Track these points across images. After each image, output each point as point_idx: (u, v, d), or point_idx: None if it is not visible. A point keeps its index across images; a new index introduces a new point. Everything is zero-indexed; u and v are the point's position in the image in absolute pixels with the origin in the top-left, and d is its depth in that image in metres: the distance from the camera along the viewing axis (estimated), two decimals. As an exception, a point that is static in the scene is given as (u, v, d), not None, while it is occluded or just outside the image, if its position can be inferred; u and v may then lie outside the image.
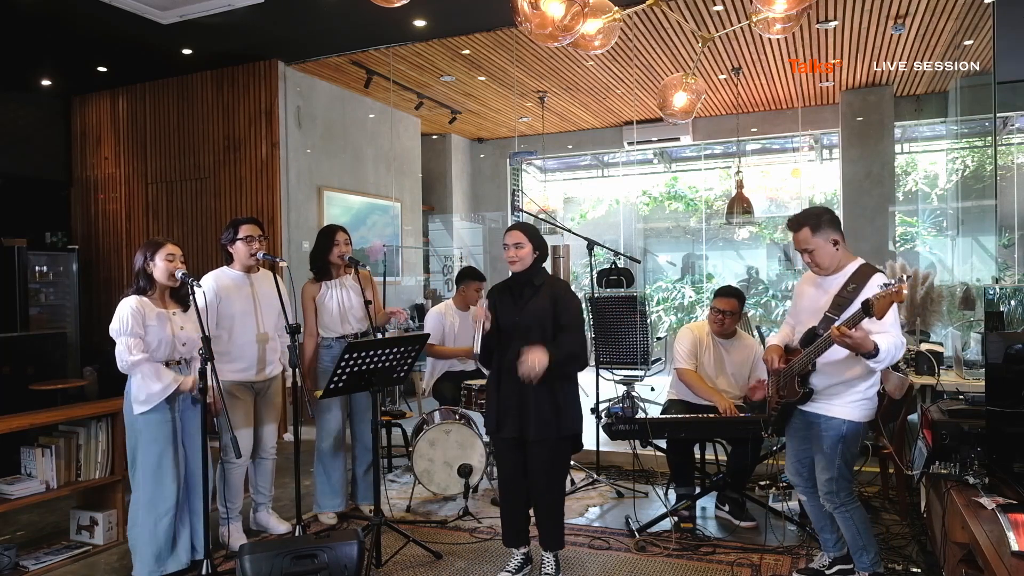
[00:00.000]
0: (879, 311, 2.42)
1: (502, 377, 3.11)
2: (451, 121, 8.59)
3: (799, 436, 3.01)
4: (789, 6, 2.59)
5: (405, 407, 5.57)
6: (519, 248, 3.07)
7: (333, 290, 3.95)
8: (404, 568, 3.35)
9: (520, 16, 2.44)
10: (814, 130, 8.95)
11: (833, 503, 2.86)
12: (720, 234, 11.41)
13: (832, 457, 2.82)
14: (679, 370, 4.03)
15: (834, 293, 2.78)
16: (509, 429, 3.07)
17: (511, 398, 3.05)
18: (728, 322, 3.96)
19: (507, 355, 3.06)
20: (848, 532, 2.88)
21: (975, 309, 5.24)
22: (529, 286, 3.10)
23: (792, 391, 2.89)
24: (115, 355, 3.09)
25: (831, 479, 2.83)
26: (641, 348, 6.17)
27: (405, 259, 8.26)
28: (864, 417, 2.82)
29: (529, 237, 3.09)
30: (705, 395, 3.88)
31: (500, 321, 3.12)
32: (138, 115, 6.89)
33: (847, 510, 2.84)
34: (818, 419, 2.87)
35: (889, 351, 2.57)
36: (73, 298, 6.94)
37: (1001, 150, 7.92)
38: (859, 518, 2.86)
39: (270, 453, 3.80)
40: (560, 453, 3.14)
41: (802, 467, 3.03)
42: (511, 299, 3.12)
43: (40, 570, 3.39)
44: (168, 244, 3.20)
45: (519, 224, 3.17)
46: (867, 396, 2.82)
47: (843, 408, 2.81)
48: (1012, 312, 4.97)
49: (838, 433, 2.80)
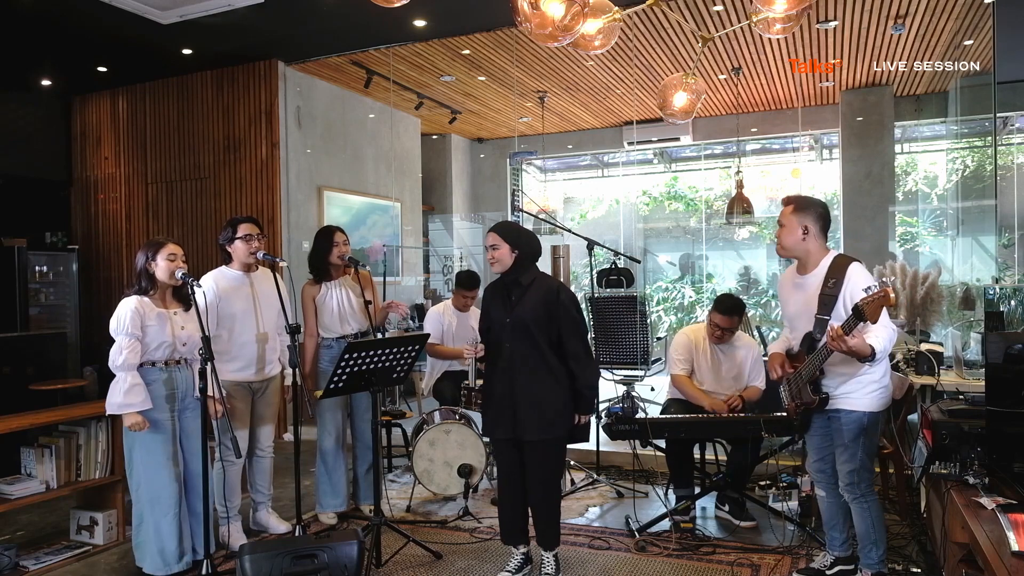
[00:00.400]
0: (871, 315, 2.46)
1: (494, 378, 3.13)
2: (451, 121, 8.59)
3: (819, 433, 3.03)
4: (789, 6, 2.59)
5: (405, 407, 5.57)
6: (495, 249, 3.07)
7: (333, 291, 3.94)
8: (404, 568, 3.35)
9: (520, 16, 2.44)
10: (814, 130, 8.95)
11: (853, 494, 2.88)
12: (720, 234, 11.40)
13: (855, 449, 2.84)
14: (671, 375, 4.07)
15: (816, 292, 2.81)
16: (502, 430, 3.09)
17: (504, 399, 3.06)
18: (726, 336, 3.94)
19: (499, 356, 3.09)
20: (863, 524, 2.89)
21: (975, 309, 5.24)
22: (517, 286, 3.09)
23: (808, 398, 2.91)
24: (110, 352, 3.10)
25: (853, 471, 2.85)
26: (641, 348, 6.18)
27: (405, 259, 8.26)
28: (882, 406, 2.87)
29: (504, 237, 3.06)
30: (695, 399, 3.89)
31: (492, 321, 3.14)
32: (138, 115, 6.89)
33: (867, 501, 2.87)
34: (838, 414, 2.89)
35: (885, 348, 2.63)
36: (73, 298, 6.94)
37: (1001, 150, 7.92)
38: (876, 511, 2.89)
39: (267, 451, 3.80)
40: (553, 453, 3.14)
41: (824, 464, 3.04)
42: (502, 300, 3.12)
43: (40, 570, 3.39)
44: (169, 244, 3.21)
45: (496, 225, 3.15)
46: (883, 385, 2.86)
47: (861, 399, 2.83)
48: (1012, 312, 4.97)
49: (859, 425, 2.83)
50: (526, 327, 3.02)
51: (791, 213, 2.89)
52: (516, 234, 3.10)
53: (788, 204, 2.93)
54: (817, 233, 2.86)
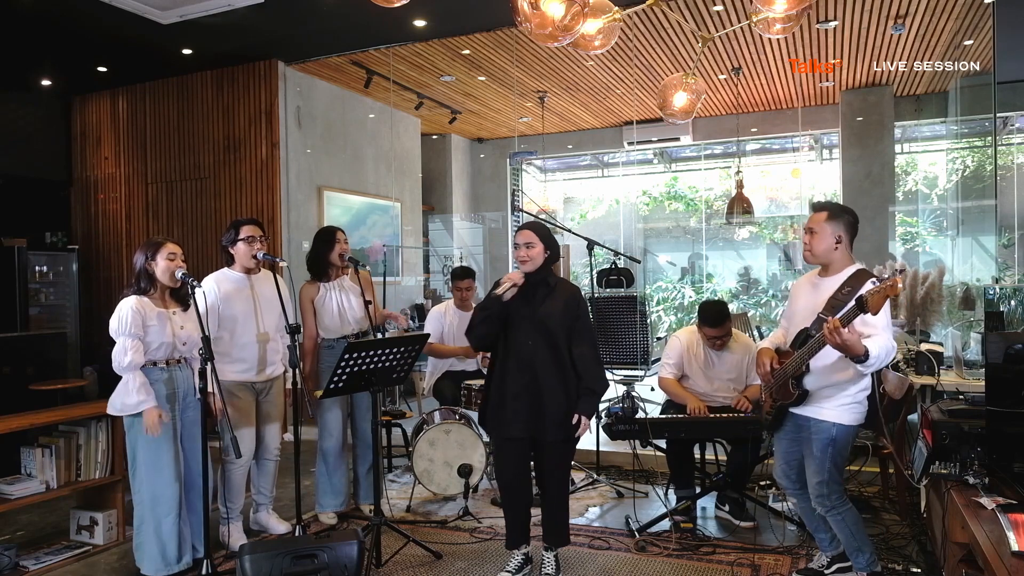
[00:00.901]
0: (873, 306, 2.41)
1: (508, 375, 3.07)
2: (451, 121, 8.59)
3: (788, 438, 3.00)
4: (789, 6, 2.59)
5: (405, 407, 5.57)
6: (530, 248, 3.06)
7: (332, 292, 3.94)
8: (404, 568, 3.35)
9: (520, 16, 2.44)
10: (814, 130, 8.96)
11: (824, 506, 2.85)
12: (720, 234, 11.41)
13: (823, 460, 2.81)
14: (659, 377, 4.06)
15: (827, 295, 2.77)
16: (518, 429, 3.04)
17: (521, 398, 3.03)
18: (721, 343, 3.91)
19: (516, 354, 3.05)
20: (842, 534, 2.88)
21: (975, 309, 5.24)
22: (544, 286, 3.09)
23: (786, 393, 2.88)
24: (112, 354, 3.09)
25: (821, 482, 2.83)
26: (641, 348, 6.18)
27: (405, 259, 8.26)
28: (854, 421, 2.82)
29: (540, 237, 3.08)
30: (679, 399, 3.90)
31: (510, 317, 3.09)
32: (138, 115, 6.89)
33: (839, 512, 2.84)
34: (808, 422, 2.86)
35: (879, 356, 2.56)
36: (73, 298, 6.94)
37: (1001, 150, 7.93)
38: (852, 520, 2.85)
39: (273, 454, 3.80)
40: (571, 452, 3.19)
41: (790, 469, 3.02)
42: (523, 298, 3.08)
43: (40, 570, 3.39)
44: (168, 243, 3.21)
45: (531, 223, 3.15)
46: (857, 400, 2.81)
47: (833, 411, 2.80)
48: (1012, 312, 4.97)
49: (828, 436, 2.80)
50: (552, 327, 3.02)
51: (825, 221, 2.81)
52: (549, 235, 3.13)
53: (822, 210, 2.83)
54: (847, 243, 2.82)
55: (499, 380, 3.11)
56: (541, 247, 3.07)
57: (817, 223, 2.83)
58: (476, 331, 3.11)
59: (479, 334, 3.11)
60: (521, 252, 3.07)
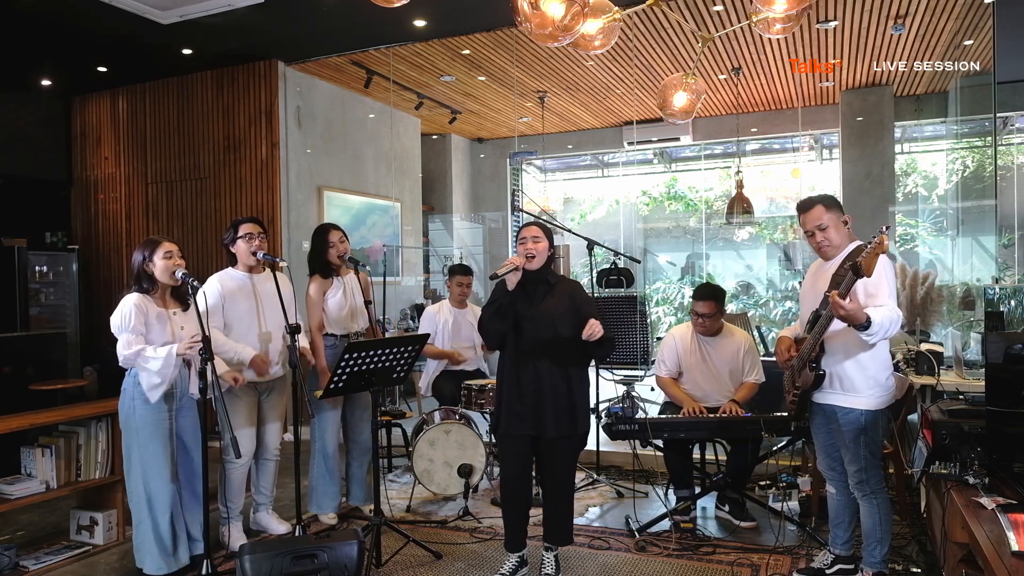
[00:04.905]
0: (867, 268, 2.44)
1: (512, 374, 3.09)
2: (451, 121, 8.59)
3: (823, 431, 3.03)
4: (789, 6, 2.59)
5: (405, 407, 5.57)
6: (537, 241, 3.09)
7: (341, 288, 3.95)
8: (404, 568, 3.35)
9: (520, 16, 2.44)
10: (814, 130, 8.95)
11: (863, 491, 2.89)
12: (720, 234, 11.40)
13: (856, 449, 2.85)
14: (656, 376, 4.09)
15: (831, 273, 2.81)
16: (522, 426, 3.05)
17: (526, 396, 3.04)
18: (710, 323, 3.92)
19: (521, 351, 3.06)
20: (870, 521, 2.89)
21: (975, 309, 5.24)
22: (544, 284, 3.12)
23: (806, 378, 2.90)
24: (115, 353, 3.09)
25: (860, 469, 2.86)
26: (641, 348, 6.18)
27: (405, 259, 8.26)
28: (880, 404, 2.86)
29: (546, 233, 3.15)
30: (676, 400, 3.92)
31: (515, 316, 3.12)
32: (138, 115, 6.89)
33: (876, 499, 2.87)
34: (835, 411, 2.89)
35: (882, 324, 2.59)
36: (73, 298, 6.94)
37: (1001, 150, 7.93)
38: (884, 509, 2.89)
39: (273, 454, 3.79)
40: (576, 449, 3.20)
41: (833, 461, 3.04)
42: (525, 297, 3.10)
43: (40, 570, 3.39)
44: (165, 242, 3.20)
45: (535, 221, 3.23)
46: (879, 383, 2.85)
47: (859, 399, 2.83)
48: (1012, 312, 4.97)
49: (858, 424, 2.83)
50: (550, 324, 3.04)
51: (826, 212, 2.89)
52: (551, 234, 3.19)
53: (815, 206, 2.91)
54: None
55: (504, 379, 3.14)
56: (546, 243, 3.13)
57: (822, 218, 2.89)
58: (488, 328, 3.12)
59: (492, 331, 3.12)
60: (528, 245, 3.09)
